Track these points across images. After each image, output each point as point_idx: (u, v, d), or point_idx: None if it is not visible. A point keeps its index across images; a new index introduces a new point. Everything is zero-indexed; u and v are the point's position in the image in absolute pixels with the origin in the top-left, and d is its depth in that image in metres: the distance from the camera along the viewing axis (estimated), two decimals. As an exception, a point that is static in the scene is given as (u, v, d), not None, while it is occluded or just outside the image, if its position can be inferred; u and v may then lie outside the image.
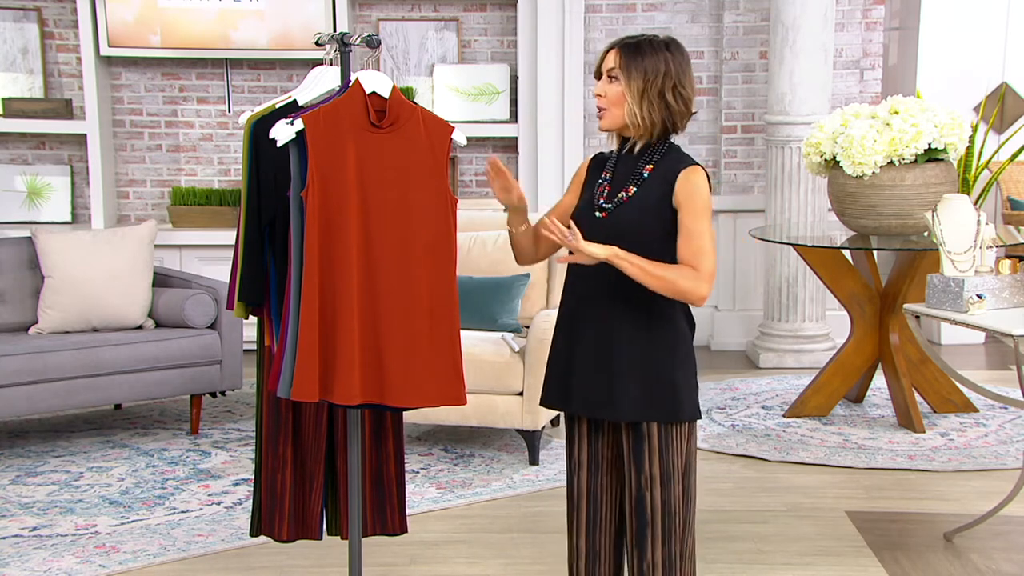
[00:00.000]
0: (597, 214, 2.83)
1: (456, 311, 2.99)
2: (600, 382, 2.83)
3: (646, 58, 2.80)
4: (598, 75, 2.87)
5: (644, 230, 2.79)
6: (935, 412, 5.75)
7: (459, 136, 3.05)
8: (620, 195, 2.83)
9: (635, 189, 2.82)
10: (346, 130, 2.90)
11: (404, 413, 3.38)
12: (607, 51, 2.85)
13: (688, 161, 2.83)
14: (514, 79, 7.22)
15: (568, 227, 2.75)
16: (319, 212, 2.87)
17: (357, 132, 2.91)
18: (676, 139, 2.91)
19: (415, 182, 2.95)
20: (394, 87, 2.97)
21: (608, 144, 2.96)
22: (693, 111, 2.87)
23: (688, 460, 2.87)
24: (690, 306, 2.87)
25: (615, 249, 2.74)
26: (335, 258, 2.88)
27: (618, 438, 2.90)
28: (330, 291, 2.88)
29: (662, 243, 2.79)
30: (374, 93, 2.94)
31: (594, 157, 2.98)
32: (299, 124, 2.86)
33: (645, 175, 2.83)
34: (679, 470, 2.85)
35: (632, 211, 2.81)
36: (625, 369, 2.81)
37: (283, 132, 2.88)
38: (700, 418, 2.90)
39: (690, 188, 2.78)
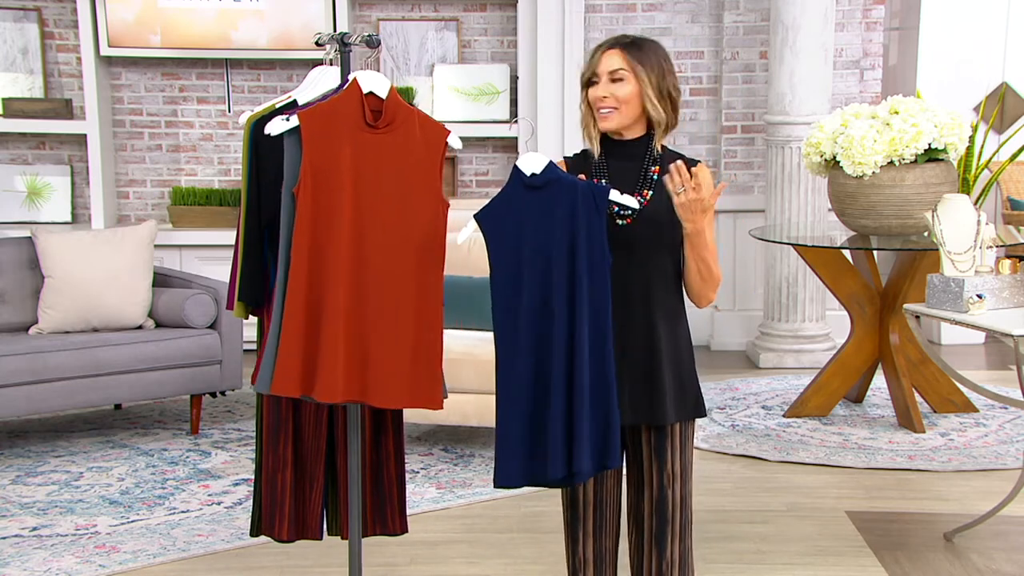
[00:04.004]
0: (619, 222, 2.78)
1: (440, 314, 2.99)
2: (643, 389, 2.81)
3: (648, 56, 2.78)
4: (590, 81, 2.81)
5: (668, 232, 2.78)
6: (935, 412, 5.75)
7: (454, 140, 3.05)
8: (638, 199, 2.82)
9: (651, 193, 2.80)
10: (342, 129, 2.90)
11: (404, 413, 3.38)
12: (601, 53, 2.80)
13: (692, 159, 2.83)
14: (514, 79, 7.22)
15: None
16: (311, 209, 2.87)
17: (353, 131, 2.91)
18: (677, 139, 2.91)
19: (408, 184, 2.95)
20: (392, 88, 2.97)
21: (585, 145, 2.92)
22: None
23: (693, 454, 2.92)
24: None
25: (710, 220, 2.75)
26: (325, 255, 2.88)
27: (624, 442, 2.89)
28: (317, 287, 2.88)
29: (682, 245, 2.80)
30: (371, 93, 2.94)
31: (571, 160, 2.91)
32: (294, 120, 2.86)
33: (655, 177, 2.81)
34: (691, 464, 2.89)
35: (658, 215, 2.78)
36: (663, 373, 2.81)
37: (276, 125, 2.87)
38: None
39: (704, 186, 2.75)
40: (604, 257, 2.70)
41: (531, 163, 2.75)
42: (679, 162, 2.71)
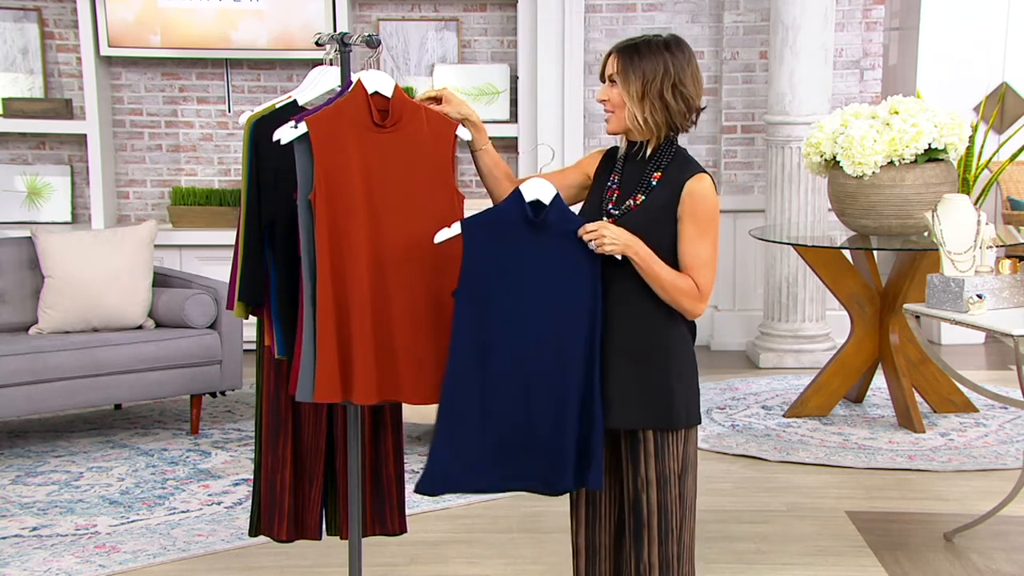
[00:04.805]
0: (605, 219, 2.81)
1: None
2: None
3: (644, 60, 2.79)
4: (603, 79, 2.87)
5: (652, 240, 2.77)
6: (935, 412, 5.75)
7: (463, 132, 3.06)
8: (628, 202, 2.82)
9: (643, 198, 2.81)
10: (349, 131, 2.89)
11: (404, 412, 3.38)
12: (608, 55, 2.85)
13: (694, 169, 2.81)
14: (514, 79, 7.22)
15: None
16: (326, 214, 2.87)
17: (360, 133, 2.91)
18: (677, 139, 2.91)
19: (421, 181, 2.95)
20: (396, 86, 2.96)
21: (616, 142, 2.96)
22: (701, 107, 2.86)
23: (685, 463, 2.86)
24: None
25: (635, 244, 2.74)
26: (345, 259, 2.88)
27: (615, 440, 2.89)
28: (342, 292, 2.88)
29: (671, 253, 2.79)
30: (377, 93, 2.94)
31: (607, 152, 2.96)
32: (303, 127, 2.85)
33: (654, 183, 2.81)
34: (675, 473, 2.84)
35: (640, 220, 2.78)
36: (622, 376, 2.80)
37: (285, 133, 2.88)
38: (699, 423, 2.89)
39: (695, 198, 2.77)
40: (596, 301, 2.76)
41: (536, 191, 2.79)
42: (583, 229, 2.75)
